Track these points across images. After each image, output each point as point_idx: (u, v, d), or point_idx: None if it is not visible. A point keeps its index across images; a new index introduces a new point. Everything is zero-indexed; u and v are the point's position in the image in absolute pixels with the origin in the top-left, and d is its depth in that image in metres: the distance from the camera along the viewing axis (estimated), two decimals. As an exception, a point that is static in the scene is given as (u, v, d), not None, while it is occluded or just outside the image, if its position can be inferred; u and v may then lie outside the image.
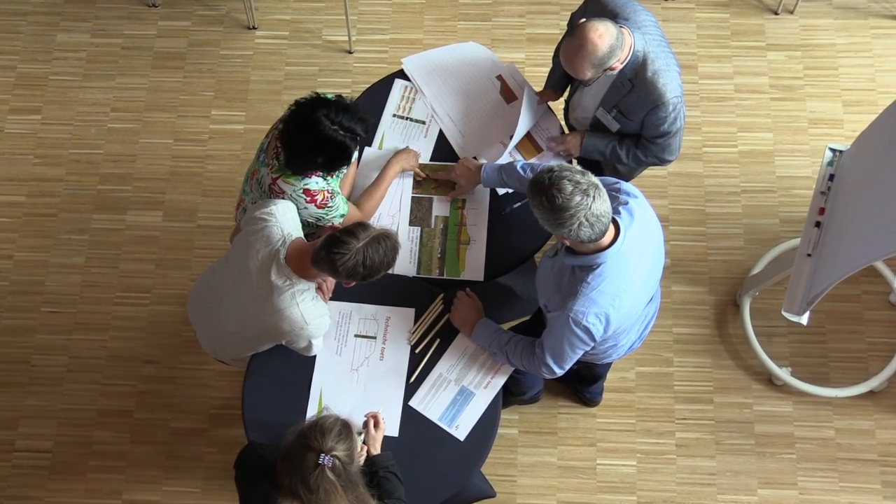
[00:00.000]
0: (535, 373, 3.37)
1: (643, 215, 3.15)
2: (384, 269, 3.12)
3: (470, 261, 3.73)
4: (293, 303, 3.21)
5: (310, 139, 3.27)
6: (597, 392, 4.45)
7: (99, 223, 4.92)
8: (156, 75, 5.20)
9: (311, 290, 3.27)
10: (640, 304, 3.27)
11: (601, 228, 2.92)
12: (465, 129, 3.92)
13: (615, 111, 3.60)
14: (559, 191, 2.84)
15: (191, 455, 4.55)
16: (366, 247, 3.05)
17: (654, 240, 3.22)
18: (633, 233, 3.07)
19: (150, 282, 4.82)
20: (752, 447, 4.50)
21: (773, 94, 5.06)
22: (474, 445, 3.48)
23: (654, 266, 3.24)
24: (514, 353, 3.42)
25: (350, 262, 3.04)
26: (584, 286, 3.05)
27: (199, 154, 5.03)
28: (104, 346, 4.73)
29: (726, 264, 4.78)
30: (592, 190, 2.87)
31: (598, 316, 3.10)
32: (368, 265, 3.06)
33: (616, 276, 3.05)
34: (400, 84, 4.00)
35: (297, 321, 3.23)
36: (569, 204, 2.85)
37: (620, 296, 3.08)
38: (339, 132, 3.26)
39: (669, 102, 3.48)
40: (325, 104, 3.26)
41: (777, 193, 4.87)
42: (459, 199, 3.80)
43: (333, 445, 2.82)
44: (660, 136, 3.59)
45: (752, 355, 4.60)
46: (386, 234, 3.10)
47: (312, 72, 5.16)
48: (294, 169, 3.39)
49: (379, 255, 3.07)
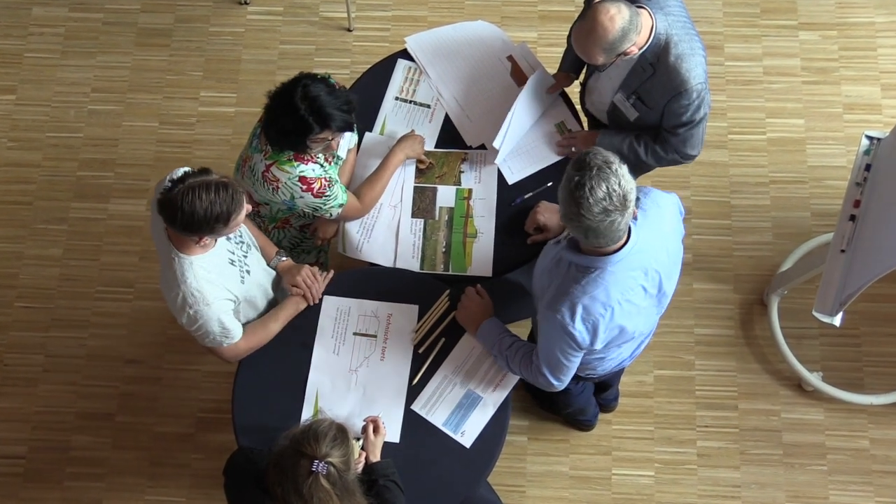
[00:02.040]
0: (536, 384, 3.35)
1: (660, 227, 3.12)
2: (212, 221, 3.00)
3: (477, 255, 3.74)
4: (175, 282, 3.18)
5: (276, 112, 3.32)
6: (611, 398, 4.46)
7: (78, 212, 4.94)
8: (140, 53, 5.21)
9: (202, 265, 3.20)
10: (639, 325, 3.20)
11: (612, 239, 2.89)
12: (472, 113, 3.93)
13: (634, 97, 3.61)
14: (591, 191, 2.77)
15: (176, 461, 4.57)
16: (189, 189, 2.96)
17: (667, 257, 3.14)
18: (643, 242, 3.01)
19: (134, 275, 4.83)
20: (780, 458, 4.51)
21: (806, 77, 5.06)
22: (481, 453, 3.49)
23: (663, 284, 3.16)
24: (514, 359, 3.41)
25: (167, 203, 2.97)
26: (577, 288, 3.00)
27: (187, 138, 5.04)
28: (83, 345, 4.75)
29: (753, 260, 4.78)
30: (621, 207, 2.80)
31: (586, 323, 3.04)
32: (188, 211, 2.96)
33: (613, 285, 3.00)
34: (403, 64, 4.02)
35: (179, 302, 3.19)
36: (590, 212, 2.79)
37: (614, 308, 3.03)
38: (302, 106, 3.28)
39: (693, 89, 3.48)
40: (306, 78, 3.32)
41: (808, 184, 4.88)
42: (466, 189, 3.82)
43: (328, 451, 2.84)
44: (681, 126, 3.59)
45: (780, 358, 4.61)
46: (223, 184, 3.01)
47: (308, 51, 5.17)
48: (270, 141, 3.42)
49: (202, 204, 2.96)
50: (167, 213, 3.00)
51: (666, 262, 3.13)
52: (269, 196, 3.51)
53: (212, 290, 3.24)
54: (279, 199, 3.50)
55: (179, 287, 3.19)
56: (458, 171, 3.84)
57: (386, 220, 3.79)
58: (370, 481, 3.22)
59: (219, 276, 3.27)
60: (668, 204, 3.19)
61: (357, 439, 3.34)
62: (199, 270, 3.20)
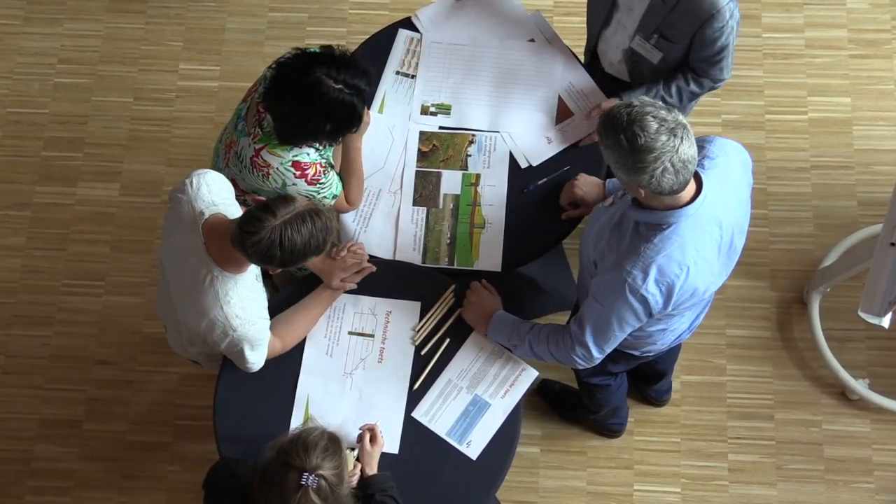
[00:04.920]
0: (566, 361, 3.37)
1: (730, 176, 3.16)
2: (310, 254, 3.06)
3: (485, 248, 3.75)
4: (217, 303, 3.19)
5: (311, 105, 3.27)
6: (664, 389, 4.48)
7: (43, 197, 4.96)
8: (112, 20, 5.22)
9: (244, 284, 3.24)
10: (710, 282, 3.25)
11: (686, 177, 2.92)
12: (479, 95, 3.94)
13: (656, 36, 3.63)
14: (643, 129, 2.83)
15: (151, 474, 4.58)
16: (285, 225, 2.99)
17: (738, 207, 3.21)
18: (714, 194, 3.07)
19: (104, 267, 4.85)
20: (821, 474, 4.52)
21: (853, 51, 5.06)
22: (489, 466, 3.50)
23: (735, 239, 3.23)
24: (539, 338, 3.41)
25: (263, 243, 2.98)
26: (649, 247, 3.05)
27: (165, 116, 5.06)
28: (48, 344, 4.76)
29: (791, 254, 4.79)
30: (680, 130, 2.87)
31: (660, 285, 3.09)
32: (288, 248, 2.99)
33: (688, 242, 3.05)
34: (404, 35, 4.02)
35: (220, 325, 3.21)
36: (654, 144, 2.84)
37: (689, 266, 3.08)
38: (346, 91, 3.27)
39: (725, 9, 3.50)
40: (319, 60, 3.28)
41: (854, 170, 4.88)
42: (473, 174, 3.82)
43: (319, 463, 2.85)
44: (717, 53, 3.62)
45: (821, 364, 4.62)
46: (315, 212, 3.04)
47: (300, 19, 5.18)
48: (290, 141, 3.41)
49: (302, 237, 3.00)
50: (264, 256, 3.01)
51: (737, 214, 3.20)
52: (259, 184, 3.51)
53: (255, 310, 3.27)
54: (269, 186, 3.50)
55: (222, 309, 3.18)
56: (465, 155, 3.85)
57: (385, 207, 3.80)
58: (366, 496, 3.23)
59: (257, 294, 3.32)
60: (735, 151, 3.24)
61: (352, 449, 3.35)
62: (241, 289, 3.22)
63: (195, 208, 3.20)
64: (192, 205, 3.21)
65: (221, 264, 3.16)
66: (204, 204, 3.21)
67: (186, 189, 3.23)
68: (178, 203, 3.25)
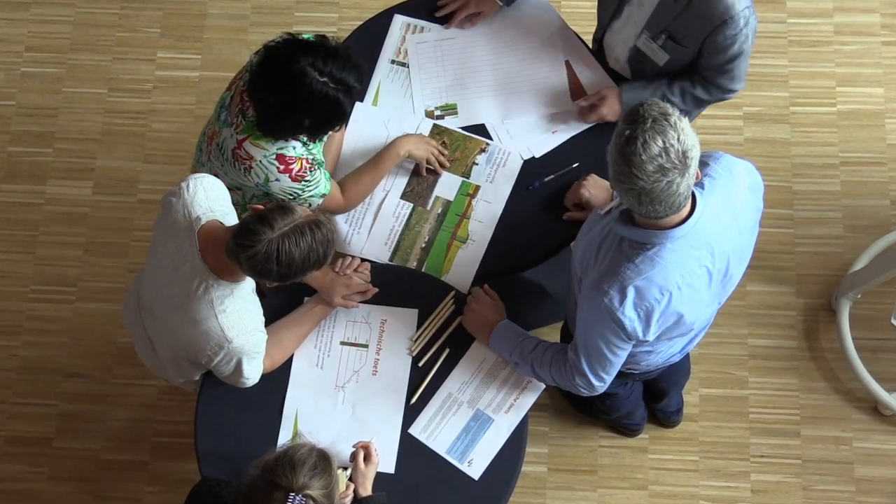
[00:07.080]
0: (569, 388, 3.38)
1: (732, 199, 3.14)
2: (310, 269, 3.07)
3: (460, 263, 3.75)
4: (211, 313, 3.20)
5: (293, 96, 3.28)
6: (671, 409, 4.49)
7: (9, 195, 4.97)
8: (84, 5, 5.22)
9: (240, 294, 3.25)
10: (697, 312, 3.23)
11: (670, 209, 2.91)
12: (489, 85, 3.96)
13: (664, 37, 3.64)
14: (645, 146, 2.78)
15: (126, 495, 4.59)
16: (283, 238, 2.99)
17: (738, 234, 3.18)
18: (710, 217, 3.04)
19: (77, 272, 4.86)
20: (852, 495, 4.53)
21: (887, 37, 5.07)
22: (491, 487, 3.51)
23: (731, 267, 3.20)
24: (542, 362, 3.43)
25: (259, 256, 2.99)
26: (629, 267, 3.03)
27: (141, 108, 5.07)
28: (14, 355, 4.77)
29: (819, 258, 4.80)
30: (681, 164, 2.81)
31: (638, 309, 3.07)
32: (285, 262, 3.00)
33: (671, 266, 3.03)
34: (400, 21, 4.03)
35: (214, 336, 3.22)
36: (645, 168, 2.79)
37: (671, 292, 3.07)
38: (330, 85, 3.28)
39: (740, 15, 3.50)
40: (307, 49, 3.28)
41: (887, 166, 4.89)
42: (473, 184, 3.83)
43: (306, 482, 2.85)
44: (729, 61, 3.62)
45: (851, 376, 4.63)
46: (316, 223, 3.04)
47: (288, 4, 5.19)
48: (270, 133, 3.42)
49: (301, 250, 3.00)
50: (260, 270, 3.03)
51: (737, 241, 3.17)
52: (241, 178, 3.52)
53: (251, 321, 3.29)
54: (251, 181, 3.51)
55: (216, 318, 3.19)
56: (472, 162, 3.85)
57: (377, 198, 3.81)
58: (359, 519, 3.25)
59: (254, 306, 3.33)
60: (743, 172, 3.22)
61: (344, 469, 3.36)
62: (237, 300, 3.24)
63: (191, 213, 3.21)
64: (187, 209, 3.22)
65: (218, 273, 3.18)
66: (201, 209, 3.22)
67: (182, 193, 3.24)
68: (170, 207, 3.26)
